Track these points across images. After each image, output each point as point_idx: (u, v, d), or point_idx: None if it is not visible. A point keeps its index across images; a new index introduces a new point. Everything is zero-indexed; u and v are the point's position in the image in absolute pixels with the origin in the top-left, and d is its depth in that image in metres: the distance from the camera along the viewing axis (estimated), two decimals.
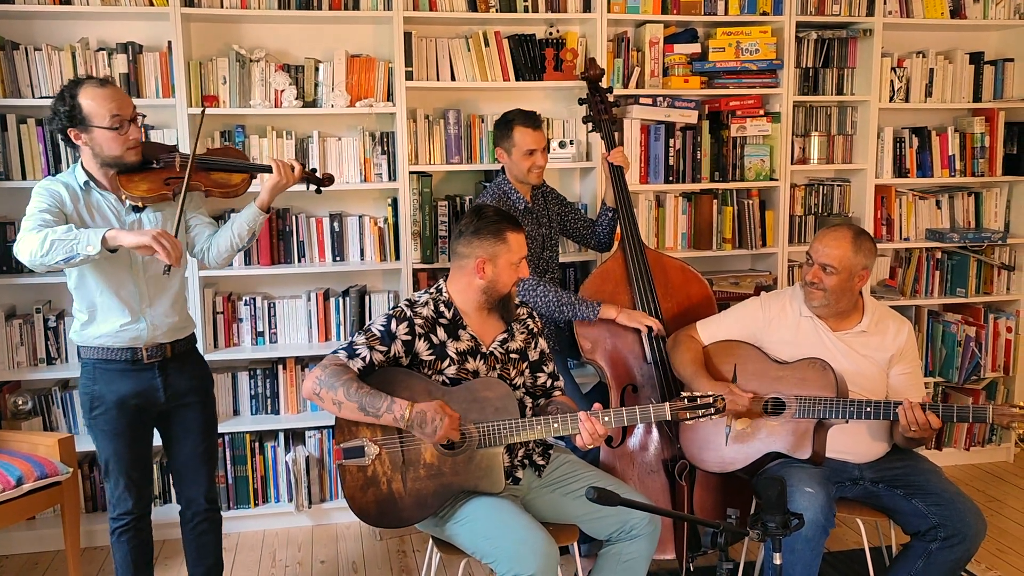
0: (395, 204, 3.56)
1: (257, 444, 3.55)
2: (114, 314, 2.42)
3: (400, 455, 2.33)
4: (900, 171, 3.99)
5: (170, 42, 3.29)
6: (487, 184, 3.39)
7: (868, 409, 2.54)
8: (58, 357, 3.41)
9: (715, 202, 3.81)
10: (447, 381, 2.38)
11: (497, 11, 3.51)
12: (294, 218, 3.53)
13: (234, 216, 2.60)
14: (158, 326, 2.47)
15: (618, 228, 3.24)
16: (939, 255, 4.07)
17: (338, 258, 3.58)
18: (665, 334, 2.98)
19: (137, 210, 2.43)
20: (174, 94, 3.32)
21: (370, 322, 2.43)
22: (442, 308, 2.43)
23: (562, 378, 2.64)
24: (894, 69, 3.89)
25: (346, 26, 3.57)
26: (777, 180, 3.83)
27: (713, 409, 2.34)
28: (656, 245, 3.80)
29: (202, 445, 2.60)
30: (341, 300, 3.60)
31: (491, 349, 2.45)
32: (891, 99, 3.90)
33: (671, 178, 3.76)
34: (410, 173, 3.51)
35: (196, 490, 2.62)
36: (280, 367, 3.57)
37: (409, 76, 3.46)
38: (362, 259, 3.61)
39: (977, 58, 4.01)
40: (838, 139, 3.94)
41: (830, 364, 2.61)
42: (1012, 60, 4.04)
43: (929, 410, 2.48)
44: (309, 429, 3.58)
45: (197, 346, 2.66)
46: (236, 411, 3.58)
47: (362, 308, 3.61)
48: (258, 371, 3.56)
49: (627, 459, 2.97)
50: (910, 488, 2.58)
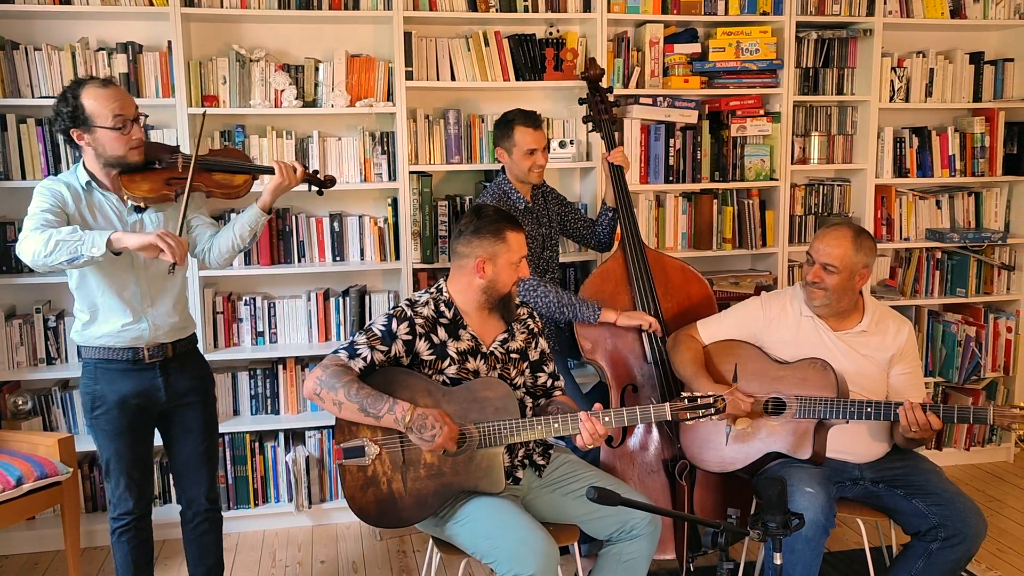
0: (395, 204, 3.56)
1: (257, 444, 3.55)
2: (116, 314, 2.42)
3: (400, 455, 2.32)
4: (900, 171, 3.99)
5: (170, 42, 3.29)
6: (487, 184, 3.39)
7: (869, 410, 2.54)
8: (58, 357, 3.41)
9: (715, 202, 3.81)
10: (447, 381, 2.38)
11: (497, 11, 3.51)
12: (294, 218, 3.53)
13: (236, 217, 2.60)
14: (160, 326, 2.47)
15: (618, 228, 3.24)
16: (939, 255, 4.07)
17: (338, 258, 3.58)
18: (662, 333, 2.98)
19: (139, 210, 2.44)
20: (174, 94, 3.32)
21: (371, 322, 2.43)
22: (443, 308, 2.43)
23: (562, 378, 2.64)
24: (894, 69, 3.89)
25: (346, 26, 3.57)
26: (777, 180, 3.83)
27: (713, 409, 2.33)
28: (656, 245, 3.80)
29: (203, 445, 2.60)
30: (341, 300, 3.60)
31: (491, 349, 2.45)
32: (891, 99, 3.90)
33: (671, 178, 3.76)
34: (410, 173, 3.51)
35: (197, 490, 2.62)
36: (280, 367, 3.56)
37: (409, 76, 3.46)
38: (362, 259, 3.61)
39: (977, 58, 4.01)
40: (838, 139, 3.93)
41: (830, 364, 2.61)
42: (1012, 60, 4.04)
43: (930, 411, 2.48)
44: (309, 429, 3.58)
45: (198, 346, 2.66)
46: (236, 411, 3.58)
47: (362, 308, 3.61)
48: (258, 371, 3.56)
49: (627, 459, 2.97)
50: (910, 488, 2.58)
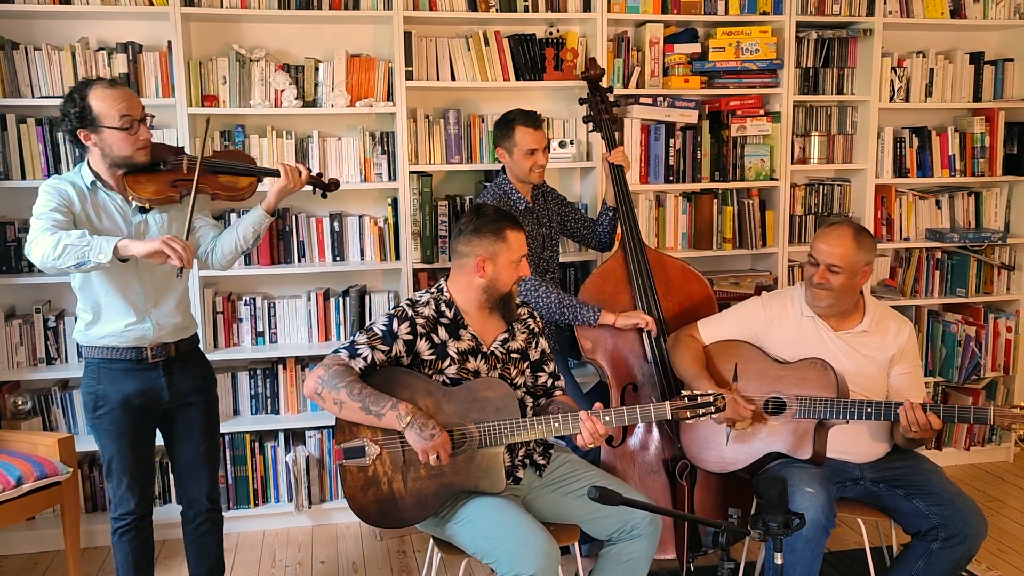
0: (395, 204, 3.56)
1: (257, 444, 3.55)
2: (119, 314, 2.42)
3: (401, 455, 2.32)
4: (900, 171, 3.99)
5: (170, 42, 3.29)
6: (487, 184, 3.39)
7: (869, 410, 2.54)
8: (58, 357, 3.41)
9: (715, 202, 3.81)
10: (448, 381, 2.38)
11: (497, 11, 3.50)
12: (294, 218, 3.53)
13: (239, 219, 2.61)
14: (163, 326, 2.48)
15: (618, 228, 3.24)
16: (939, 255, 4.07)
17: (338, 258, 3.58)
18: (657, 332, 2.98)
19: (143, 211, 2.44)
20: (174, 94, 3.32)
21: (371, 321, 2.43)
22: (443, 308, 2.43)
23: (562, 378, 2.64)
24: (894, 69, 3.89)
25: (346, 26, 3.57)
26: (777, 180, 3.83)
27: (713, 408, 2.33)
28: (656, 245, 3.80)
29: (204, 445, 2.61)
30: (341, 300, 3.60)
31: (492, 349, 2.45)
32: (891, 99, 3.90)
33: (671, 178, 3.76)
34: (410, 173, 3.51)
35: (198, 490, 2.62)
36: (280, 367, 3.56)
37: (409, 76, 3.46)
38: (362, 259, 3.61)
39: (977, 58, 4.01)
40: (838, 139, 3.93)
41: (831, 364, 2.61)
42: (1012, 60, 4.04)
43: (930, 411, 2.48)
44: (309, 429, 3.58)
45: (200, 346, 2.66)
46: (236, 411, 3.58)
47: (362, 308, 3.61)
48: (258, 371, 3.55)
49: (628, 459, 2.97)
50: (911, 488, 2.58)
